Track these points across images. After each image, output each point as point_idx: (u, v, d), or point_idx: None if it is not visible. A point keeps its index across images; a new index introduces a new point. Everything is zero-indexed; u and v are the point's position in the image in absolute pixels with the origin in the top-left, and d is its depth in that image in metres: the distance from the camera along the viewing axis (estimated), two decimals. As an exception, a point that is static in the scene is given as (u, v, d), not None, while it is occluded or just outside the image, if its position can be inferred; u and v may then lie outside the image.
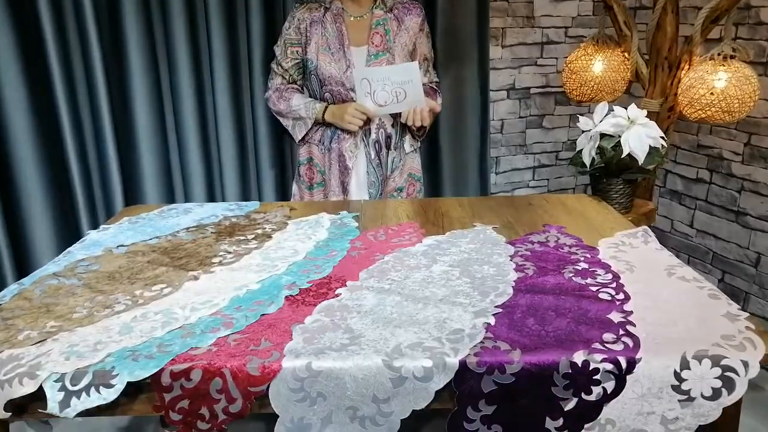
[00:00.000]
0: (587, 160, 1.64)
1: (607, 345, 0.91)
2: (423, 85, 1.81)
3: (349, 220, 1.51)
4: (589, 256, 1.25)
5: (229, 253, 1.31)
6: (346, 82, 1.81)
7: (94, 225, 1.93)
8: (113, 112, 1.91)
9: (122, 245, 1.35)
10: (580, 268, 1.19)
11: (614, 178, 1.66)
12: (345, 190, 1.89)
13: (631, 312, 1.00)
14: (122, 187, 1.94)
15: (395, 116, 1.87)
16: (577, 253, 1.27)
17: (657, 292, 1.08)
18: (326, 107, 1.85)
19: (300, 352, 0.91)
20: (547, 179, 2.59)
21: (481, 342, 0.93)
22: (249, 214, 1.57)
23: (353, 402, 0.88)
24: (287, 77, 1.92)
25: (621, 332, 0.94)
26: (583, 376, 0.88)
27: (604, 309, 1.02)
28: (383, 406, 0.88)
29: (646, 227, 1.40)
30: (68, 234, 1.93)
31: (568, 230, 1.41)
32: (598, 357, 0.88)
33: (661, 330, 0.95)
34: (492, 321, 0.99)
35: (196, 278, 1.17)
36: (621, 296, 1.06)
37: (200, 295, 1.11)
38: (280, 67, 1.91)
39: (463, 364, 0.88)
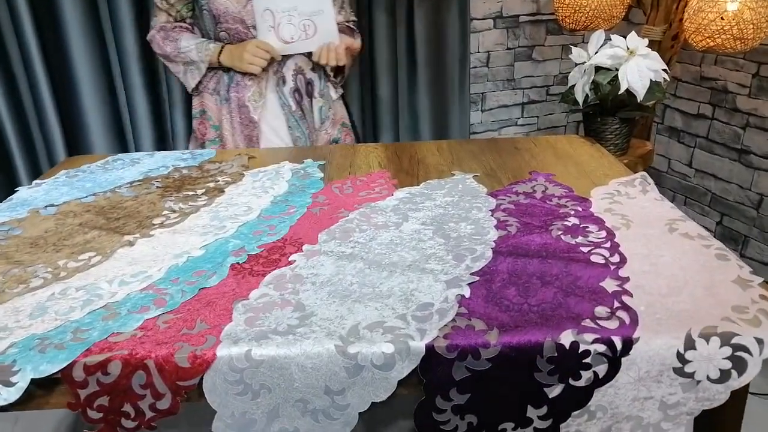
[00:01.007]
0: (580, 97, 1.47)
1: (599, 322, 0.78)
2: (338, 24, 1.56)
3: (314, 169, 1.35)
4: (580, 210, 1.11)
5: (174, 212, 1.15)
6: (245, 18, 1.52)
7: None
8: (45, 51, 1.69)
9: (52, 205, 1.19)
10: (569, 224, 1.05)
11: (610, 116, 1.50)
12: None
13: (628, 279, 0.87)
14: (64, 139, 1.75)
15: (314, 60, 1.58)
16: (566, 206, 1.12)
17: (657, 252, 0.94)
18: (222, 48, 1.55)
19: (239, 337, 0.77)
20: (537, 117, 2.41)
21: (453, 320, 0.79)
22: (202, 165, 1.41)
23: (303, 394, 0.76)
24: (174, 14, 1.58)
25: (616, 305, 0.81)
26: (571, 360, 0.75)
27: (597, 275, 0.88)
28: (338, 399, 0.76)
29: (644, 174, 1.25)
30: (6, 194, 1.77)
31: (558, 178, 1.26)
32: (589, 337, 0.75)
33: (662, 301, 0.82)
34: (466, 292, 0.85)
35: (131, 244, 1.02)
36: (616, 258, 0.93)
37: (133, 265, 0.96)
38: (164, 2, 1.56)
39: (430, 349, 0.75)
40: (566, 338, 0.75)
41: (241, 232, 1.06)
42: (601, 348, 0.75)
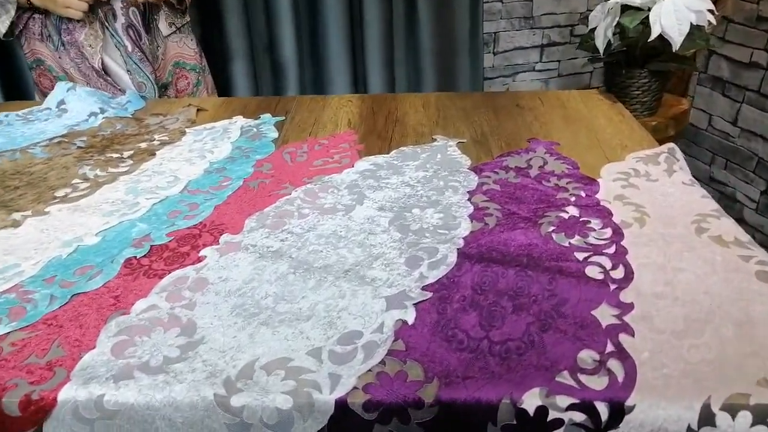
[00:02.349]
0: (601, 43, 1.19)
1: (581, 377, 0.56)
2: None
3: (269, 127, 1.13)
4: (583, 195, 0.87)
5: (87, 180, 0.95)
6: None
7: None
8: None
9: (-54, 166, 1.00)
10: (566, 217, 0.81)
11: (637, 68, 1.22)
12: None
13: (631, 306, 0.64)
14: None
15: None
16: (566, 189, 0.89)
17: (676, 264, 0.71)
18: None
19: (96, 374, 0.58)
20: (558, 62, 2.10)
21: (382, 362, 0.59)
22: (142, 117, 1.19)
23: (173, 456, 0.57)
24: None
25: (609, 348, 0.59)
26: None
27: (590, 298, 0.66)
28: (220, 462, 0.57)
29: (673, 146, 1.00)
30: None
31: (563, 149, 1.01)
32: (564, 401, 0.54)
33: (674, 345, 0.59)
34: (410, 317, 0.64)
35: (15, 224, 0.83)
36: (620, 273, 0.70)
37: (7, 255, 0.77)
38: None
39: (341, 406, 0.55)
40: (531, 400, 0.54)
41: (155, 213, 0.86)
42: (579, 417, 0.54)
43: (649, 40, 1.12)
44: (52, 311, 0.67)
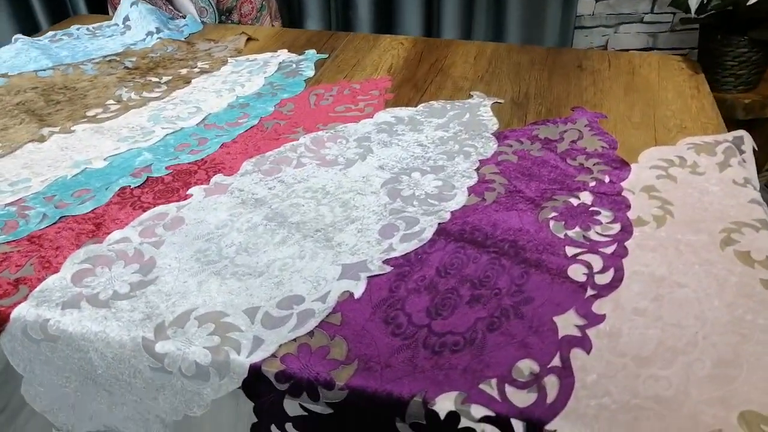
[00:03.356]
0: (693, 3, 1.02)
1: (508, 388, 0.51)
2: None
3: (309, 65, 1.09)
4: (606, 180, 0.77)
5: (119, 102, 0.98)
6: None
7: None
8: None
9: (6, 75, 1.07)
10: (575, 204, 0.73)
11: (736, 35, 1.04)
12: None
13: (602, 319, 0.57)
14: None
15: None
16: (591, 171, 0.79)
17: (680, 279, 0.62)
18: None
19: (50, 298, 0.61)
20: (673, 14, 1.83)
21: (311, 333, 0.57)
22: (194, 42, 1.21)
23: (107, 387, 0.60)
24: None
25: (554, 363, 0.53)
26: (443, 436, 0.51)
27: (560, 301, 0.59)
28: (147, 400, 0.59)
29: (742, 134, 0.85)
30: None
31: (608, 123, 0.90)
32: (478, 411, 0.50)
33: (630, 374, 0.52)
34: (358, 291, 0.61)
35: (42, 139, 0.88)
36: (606, 277, 0.62)
37: (26, 169, 0.82)
38: None
39: (255, 370, 0.54)
40: (444, 404, 0.51)
41: (165, 143, 0.87)
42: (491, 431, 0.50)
43: (749, 2, 0.94)
44: (40, 229, 0.71)
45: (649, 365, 0.53)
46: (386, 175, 0.79)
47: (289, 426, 0.56)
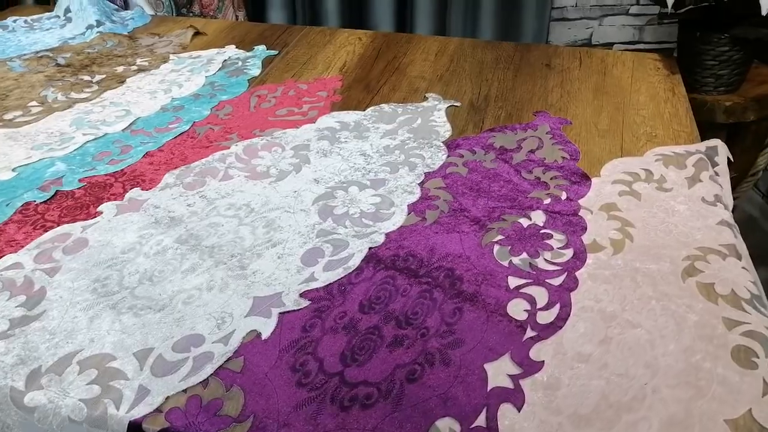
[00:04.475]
0: (670, -4, 0.94)
1: (419, 456, 0.44)
2: None
3: (255, 62, 1.01)
4: (563, 197, 0.69)
5: (42, 104, 0.90)
6: None
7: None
8: None
9: (-75, 73, 0.99)
10: (525, 225, 0.65)
11: (716, 33, 0.96)
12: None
13: (540, 366, 0.50)
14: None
15: None
16: (547, 186, 0.71)
17: (631, 317, 0.54)
18: None
19: None
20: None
21: (204, 382, 0.50)
22: (137, 37, 1.12)
23: (-23, 438, 0.53)
24: None
25: (478, 423, 0.46)
26: None
27: (493, 345, 0.52)
28: (21, 456, 0.52)
29: (716, 144, 0.77)
30: None
31: (571, 130, 0.82)
32: (383, 485, 0.43)
33: (564, 437, 0.45)
34: (267, 332, 0.54)
35: (-52, 146, 0.81)
36: (549, 317, 0.54)
37: None
38: None
39: (134, 429, 0.47)
40: (345, 475, 0.43)
41: (84, 151, 0.79)
42: None
43: (727, -2, 0.86)
44: (-77, 253, 0.64)
45: (588, 426, 0.46)
46: (320, 189, 0.71)
47: (180, 488, 0.49)
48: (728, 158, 0.77)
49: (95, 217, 0.68)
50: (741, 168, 1.22)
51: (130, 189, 0.72)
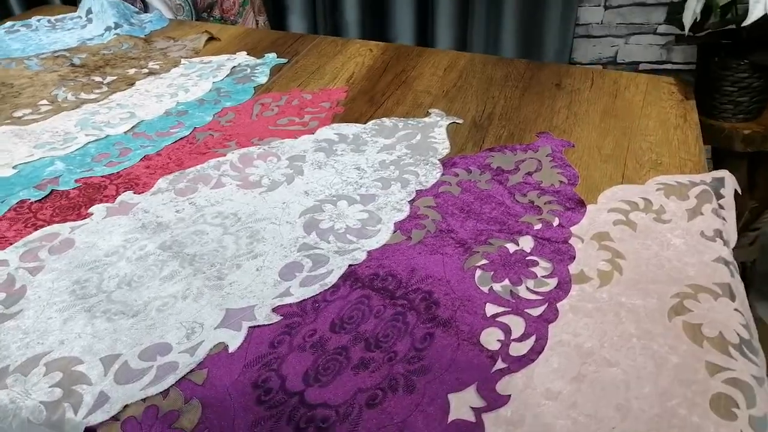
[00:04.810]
0: (688, 21, 0.91)
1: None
2: None
3: (263, 70, 1.02)
4: (555, 223, 0.67)
5: (52, 103, 0.92)
6: None
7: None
8: None
9: (-54, 68, 1.02)
10: (511, 251, 0.64)
11: (734, 58, 0.93)
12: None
13: (505, 401, 0.48)
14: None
15: None
16: (541, 210, 0.69)
17: (609, 355, 0.52)
18: None
19: None
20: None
21: (165, 392, 0.49)
22: (153, 40, 1.14)
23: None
24: None
25: (432, 454, 0.45)
26: None
27: (460, 375, 0.50)
28: (-15, 453, 0.53)
29: (724, 176, 0.74)
30: None
31: (573, 154, 0.80)
32: None
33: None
34: (234, 345, 0.53)
35: (-45, 141, 0.83)
36: (522, 349, 0.53)
37: (-71, 173, 0.77)
38: None
39: (90, 436, 0.47)
40: (291, 500, 0.42)
41: (84, 152, 0.81)
42: None
43: (743, 24, 0.83)
44: None
45: (548, 467, 0.44)
46: (309, 202, 0.71)
47: (134, 499, 0.49)
48: (736, 191, 0.74)
49: (86, 218, 0.69)
50: (765, 196, 1.18)
51: (123, 192, 0.73)
